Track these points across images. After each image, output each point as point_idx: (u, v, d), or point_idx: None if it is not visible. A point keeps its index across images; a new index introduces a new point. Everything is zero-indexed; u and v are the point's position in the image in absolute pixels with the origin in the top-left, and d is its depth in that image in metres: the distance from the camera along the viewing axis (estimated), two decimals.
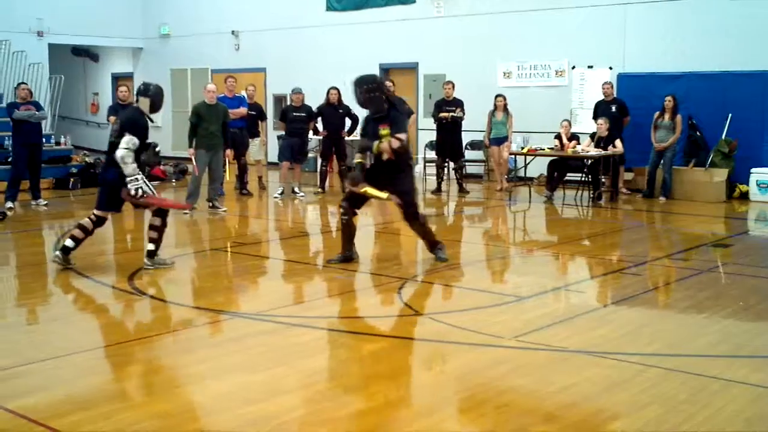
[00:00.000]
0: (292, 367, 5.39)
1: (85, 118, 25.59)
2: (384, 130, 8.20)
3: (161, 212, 8.38)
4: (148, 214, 8.59)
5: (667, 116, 13.66)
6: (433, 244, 8.75)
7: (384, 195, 8.32)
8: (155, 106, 8.41)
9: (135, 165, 8.03)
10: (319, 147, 16.49)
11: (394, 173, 8.32)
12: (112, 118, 13.22)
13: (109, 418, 4.50)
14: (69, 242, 8.24)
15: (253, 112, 14.78)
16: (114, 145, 8.09)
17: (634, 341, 5.92)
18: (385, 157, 8.22)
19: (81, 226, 8.28)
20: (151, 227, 8.36)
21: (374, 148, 8.23)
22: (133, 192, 8.02)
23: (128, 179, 7.99)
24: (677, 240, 10.98)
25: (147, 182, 8.14)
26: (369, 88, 8.29)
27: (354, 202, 8.53)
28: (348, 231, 8.58)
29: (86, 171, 16.35)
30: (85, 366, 5.48)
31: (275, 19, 20.15)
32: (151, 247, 8.33)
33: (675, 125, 13.62)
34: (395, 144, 8.13)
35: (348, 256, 8.60)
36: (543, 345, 5.73)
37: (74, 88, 24.16)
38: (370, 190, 8.30)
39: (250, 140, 14.72)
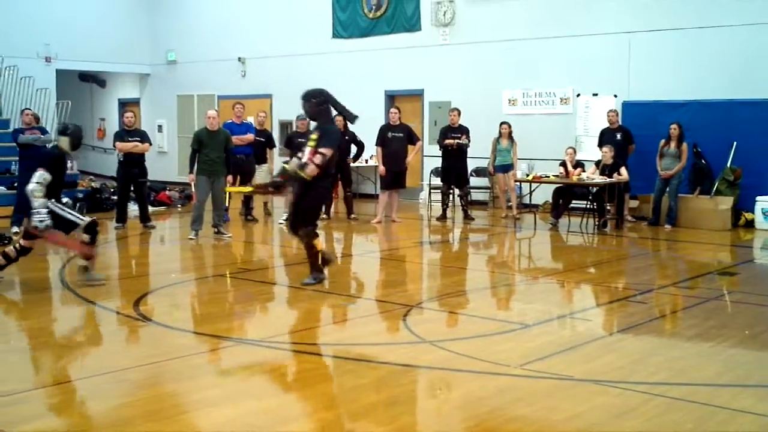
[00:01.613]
0: (297, 394, 5.37)
1: (92, 143, 25.68)
2: (313, 135, 8.56)
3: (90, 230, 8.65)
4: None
5: (672, 144, 13.66)
6: (312, 266, 8.84)
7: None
8: (75, 145, 8.84)
9: (44, 200, 8.35)
10: None
11: (306, 187, 8.55)
12: (119, 144, 13.30)
13: None
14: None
15: (261, 139, 14.81)
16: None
17: (640, 370, 5.89)
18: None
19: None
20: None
21: (292, 172, 8.50)
22: (36, 225, 8.31)
23: (34, 212, 8.31)
24: (683, 268, 10.95)
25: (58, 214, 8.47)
26: (318, 101, 8.66)
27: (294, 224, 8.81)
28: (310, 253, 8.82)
29: (92, 196, 16.39)
30: (89, 392, 5.47)
31: (281, 46, 20.26)
32: (84, 263, 8.70)
33: (681, 153, 13.63)
34: (315, 163, 8.34)
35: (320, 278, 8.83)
36: (549, 373, 5.71)
37: (81, 113, 24.25)
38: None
39: (257, 167, 14.74)
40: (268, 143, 15.18)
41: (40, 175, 8.31)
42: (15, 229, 12.84)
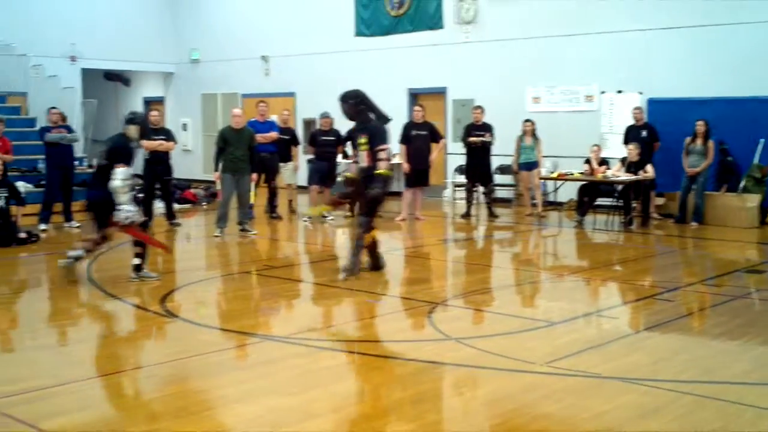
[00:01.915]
0: (323, 390, 5.38)
1: None
2: (362, 139, 8.87)
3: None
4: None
5: (699, 141, 13.54)
6: (374, 260, 9.22)
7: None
8: (143, 133, 8.97)
9: (130, 195, 8.43)
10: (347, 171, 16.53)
11: (367, 183, 8.94)
12: (145, 142, 13.38)
13: None
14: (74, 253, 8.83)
15: (285, 137, 14.86)
16: (102, 168, 8.50)
17: (667, 368, 5.86)
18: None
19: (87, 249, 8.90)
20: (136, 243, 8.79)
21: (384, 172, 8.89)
22: (123, 219, 8.36)
23: (120, 208, 8.34)
24: (710, 266, 10.87)
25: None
26: (355, 102, 9.01)
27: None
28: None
29: None
30: (117, 388, 5.51)
31: (304, 44, 20.29)
32: (137, 261, 8.73)
33: (707, 150, 13.50)
34: (382, 159, 8.81)
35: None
36: (575, 371, 5.68)
37: (106, 111, 24.42)
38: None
39: (282, 164, 14.78)
40: (293, 141, 15.25)
41: (123, 172, 8.35)
42: (43, 226, 12.97)
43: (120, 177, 8.29)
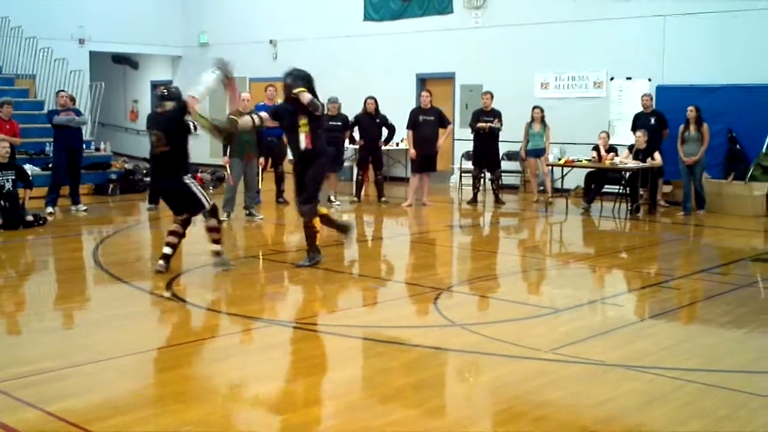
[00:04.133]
0: (328, 375, 5.40)
1: (125, 125, 25.85)
2: (303, 120, 8.71)
3: (213, 212, 8.52)
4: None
5: (692, 128, 13.40)
6: (310, 246, 8.88)
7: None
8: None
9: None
10: (355, 156, 16.53)
11: (307, 163, 8.74)
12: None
13: (147, 423, 4.54)
14: (167, 249, 8.46)
15: None
16: (166, 155, 8.31)
17: (672, 356, 5.86)
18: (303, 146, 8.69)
19: (172, 232, 8.53)
20: (210, 230, 8.60)
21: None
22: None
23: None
24: (716, 254, 10.84)
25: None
26: (306, 84, 8.93)
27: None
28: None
29: (125, 177, 16.53)
30: (122, 371, 5.53)
31: (313, 28, 20.23)
32: (216, 248, 8.57)
33: (702, 136, 13.37)
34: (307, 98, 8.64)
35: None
36: (580, 358, 5.68)
37: (114, 95, 24.44)
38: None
39: None
40: None
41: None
42: (50, 209, 13.00)
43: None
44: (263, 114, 9.12)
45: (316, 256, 8.87)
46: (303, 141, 8.73)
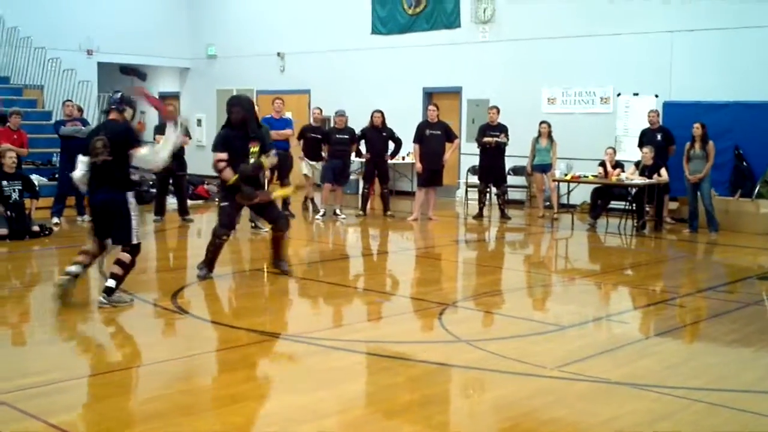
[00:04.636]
0: (332, 390, 5.38)
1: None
2: (254, 148, 8.78)
3: (133, 250, 7.70)
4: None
5: (698, 146, 13.32)
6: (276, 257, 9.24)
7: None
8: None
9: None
10: (361, 169, 16.53)
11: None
12: (159, 137, 13.39)
13: None
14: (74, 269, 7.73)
15: (318, 136, 14.84)
16: (107, 165, 7.73)
17: (678, 374, 5.82)
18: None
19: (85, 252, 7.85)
20: (118, 262, 7.65)
21: (265, 164, 8.97)
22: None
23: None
24: (722, 272, 10.81)
25: None
26: (249, 109, 8.90)
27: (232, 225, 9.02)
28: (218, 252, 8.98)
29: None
30: (125, 383, 5.52)
31: (320, 41, 20.29)
32: (111, 283, 7.60)
33: (707, 154, 13.29)
34: (274, 161, 9.14)
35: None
36: (585, 376, 5.65)
37: None
38: (280, 191, 10.09)
39: (313, 163, 14.79)
40: (325, 139, 14.97)
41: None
42: (56, 220, 13.01)
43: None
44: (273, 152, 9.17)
45: (208, 273, 8.94)
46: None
